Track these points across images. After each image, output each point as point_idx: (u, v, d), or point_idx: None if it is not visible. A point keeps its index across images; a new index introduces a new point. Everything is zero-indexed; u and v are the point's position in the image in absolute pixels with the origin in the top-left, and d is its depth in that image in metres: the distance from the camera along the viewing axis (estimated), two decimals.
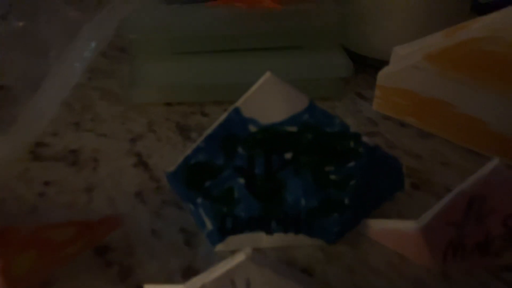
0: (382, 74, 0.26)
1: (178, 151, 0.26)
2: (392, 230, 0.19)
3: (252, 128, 0.18)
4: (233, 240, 0.20)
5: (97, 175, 0.24)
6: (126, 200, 0.23)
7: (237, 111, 0.17)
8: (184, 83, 0.29)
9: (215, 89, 0.29)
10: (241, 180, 0.18)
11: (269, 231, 0.20)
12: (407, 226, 0.18)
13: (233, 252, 0.20)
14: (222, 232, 0.20)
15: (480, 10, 0.34)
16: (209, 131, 0.18)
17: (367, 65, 0.33)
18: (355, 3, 0.31)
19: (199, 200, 0.19)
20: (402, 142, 0.27)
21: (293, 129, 0.18)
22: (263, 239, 0.20)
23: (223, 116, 0.18)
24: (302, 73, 0.29)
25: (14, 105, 0.29)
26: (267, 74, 0.17)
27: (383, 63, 0.29)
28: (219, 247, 0.20)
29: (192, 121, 0.28)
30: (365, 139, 0.18)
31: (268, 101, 0.17)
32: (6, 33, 0.31)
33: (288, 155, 0.18)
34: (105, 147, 0.26)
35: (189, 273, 0.19)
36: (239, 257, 0.14)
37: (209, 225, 0.19)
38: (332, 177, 0.19)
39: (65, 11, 0.33)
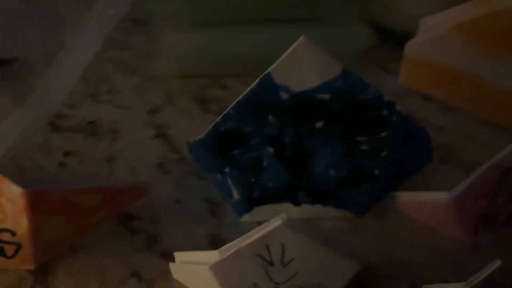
0: (409, 46, 0.26)
1: (198, 123, 0.26)
2: (423, 202, 0.19)
3: (284, 95, 0.17)
4: (259, 211, 0.20)
5: (116, 146, 0.24)
6: (147, 170, 0.22)
7: (268, 77, 0.17)
8: (203, 54, 0.28)
9: (233, 60, 0.29)
10: (270, 149, 0.18)
11: (296, 202, 0.19)
12: (439, 197, 0.18)
13: (259, 223, 0.20)
14: (249, 202, 0.19)
15: None
16: (239, 97, 0.17)
17: (389, 38, 0.32)
18: None
19: (227, 169, 0.19)
20: (427, 115, 0.26)
21: (325, 96, 0.17)
22: (290, 210, 0.20)
23: (255, 82, 0.17)
24: (323, 44, 0.28)
25: (30, 77, 0.28)
26: (301, 39, 0.16)
27: (407, 36, 0.29)
28: (245, 217, 0.20)
29: (210, 94, 0.28)
30: (398, 107, 0.18)
31: (301, 67, 0.17)
32: (19, 5, 0.30)
33: (319, 124, 0.18)
34: (123, 119, 0.26)
35: (215, 241, 0.19)
36: (275, 223, 0.14)
37: (235, 194, 0.19)
38: (364, 147, 0.18)
39: None
